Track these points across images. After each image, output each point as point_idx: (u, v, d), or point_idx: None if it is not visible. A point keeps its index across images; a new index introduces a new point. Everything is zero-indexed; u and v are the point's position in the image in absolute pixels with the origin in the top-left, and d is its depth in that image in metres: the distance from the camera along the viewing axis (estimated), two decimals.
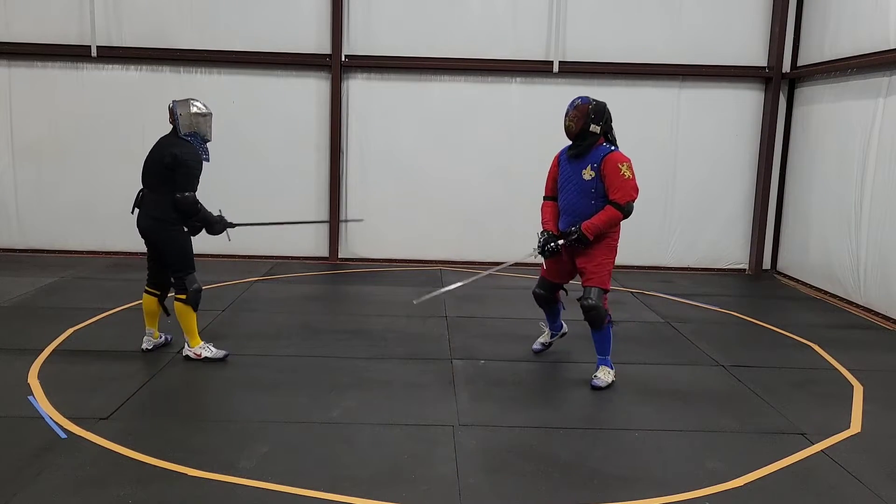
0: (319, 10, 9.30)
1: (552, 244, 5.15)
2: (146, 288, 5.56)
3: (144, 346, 5.63)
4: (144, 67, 9.38)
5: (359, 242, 9.79)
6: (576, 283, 5.38)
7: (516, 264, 5.88)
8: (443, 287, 5.76)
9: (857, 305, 7.74)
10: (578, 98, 5.07)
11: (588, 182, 4.97)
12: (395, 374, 5.34)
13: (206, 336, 6.07)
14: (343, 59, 9.34)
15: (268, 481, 3.62)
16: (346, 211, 9.67)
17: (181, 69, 9.38)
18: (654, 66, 9.36)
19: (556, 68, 9.33)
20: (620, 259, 9.82)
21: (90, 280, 8.17)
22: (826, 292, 8.38)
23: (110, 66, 9.36)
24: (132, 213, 5.44)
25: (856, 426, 4.55)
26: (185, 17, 9.25)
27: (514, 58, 9.38)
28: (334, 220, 9.42)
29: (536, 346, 5.91)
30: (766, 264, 9.82)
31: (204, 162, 5.35)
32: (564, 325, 5.91)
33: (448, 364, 5.56)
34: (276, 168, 9.56)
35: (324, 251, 9.69)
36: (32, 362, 5.24)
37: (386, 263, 9.62)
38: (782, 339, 6.58)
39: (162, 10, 9.23)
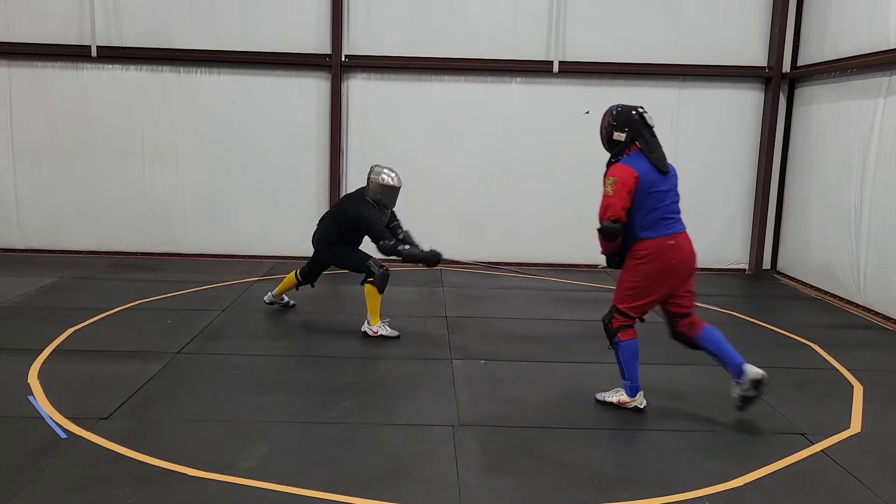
0: (319, 10, 9.30)
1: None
2: (297, 271, 6.76)
3: (266, 299, 7.04)
4: (144, 67, 9.38)
5: None
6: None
7: None
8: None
9: (857, 305, 7.74)
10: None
11: None
12: (395, 374, 5.34)
13: (206, 335, 6.09)
14: (343, 59, 9.33)
15: (268, 481, 3.62)
16: None
17: (181, 69, 9.38)
18: (654, 66, 9.36)
19: (556, 68, 9.33)
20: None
21: (90, 280, 8.17)
22: (826, 292, 8.38)
23: (110, 66, 9.36)
24: (318, 223, 6.55)
25: (856, 426, 4.55)
26: (185, 17, 9.24)
27: (514, 58, 9.38)
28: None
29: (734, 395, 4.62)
30: (766, 264, 9.82)
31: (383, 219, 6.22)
32: (748, 371, 4.47)
33: (448, 364, 5.56)
34: (276, 168, 9.56)
35: None
36: (32, 362, 5.24)
37: (386, 263, 9.60)
38: (782, 339, 6.57)
39: (162, 10, 9.23)
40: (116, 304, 6.98)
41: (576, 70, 9.36)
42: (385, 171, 6.18)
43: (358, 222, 6.16)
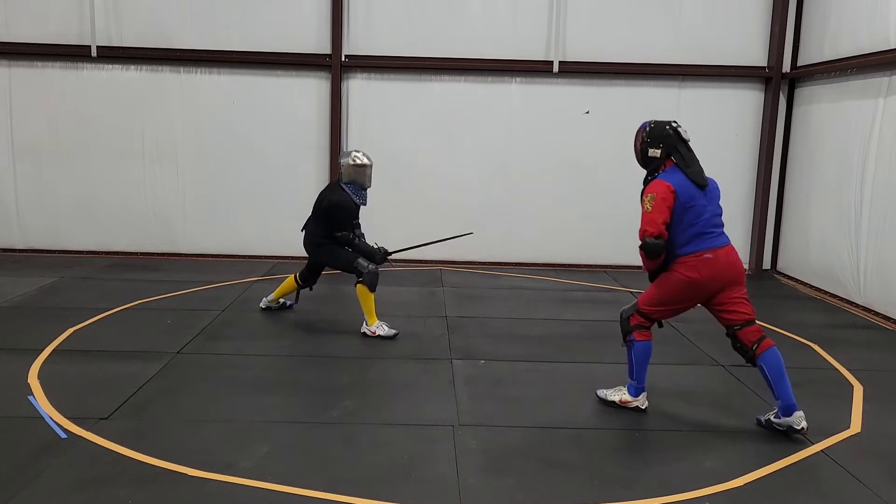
0: (319, 10, 9.30)
1: None
2: (296, 275, 6.79)
3: (262, 304, 6.99)
4: (144, 67, 9.38)
5: None
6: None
7: None
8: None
9: (857, 305, 7.74)
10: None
11: None
12: (395, 374, 5.34)
13: (206, 336, 6.09)
14: (343, 59, 9.34)
15: (268, 481, 3.62)
16: None
17: (181, 69, 9.38)
18: (654, 66, 9.36)
19: (556, 68, 9.33)
20: (620, 259, 9.87)
21: (90, 280, 8.17)
22: (826, 292, 8.38)
23: (110, 66, 9.36)
24: (301, 230, 6.57)
25: (856, 426, 4.55)
26: (185, 17, 9.24)
27: (514, 58, 9.38)
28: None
29: (761, 416, 4.58)
30: (766, 264, 9.82)
31: (360, 205, 6.39)
32: (795, 419, 4.30)
33: (448, 364, 5.56)
34: (276, 168, 9.56)
35: None
36: (32, 362, 5.24)
37: (386, 263, 9.60)
38: (782, 339, 6.56)
39: (162, 10, 9.23)
40: (116, 304, 6.98)
41: (576, 70, 9.36)
42: (353, 152, 6.37)
43: (330, 211, 6.24)
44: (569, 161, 9.50)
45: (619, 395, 4.77)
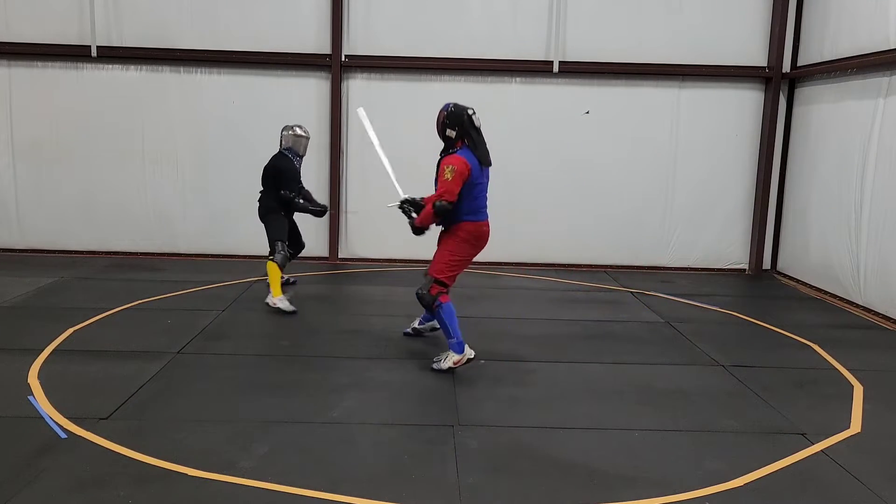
0: (319, 10, 9.30)
1: (403, 204, 5.82)
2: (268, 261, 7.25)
3: (270, 302, 7.13)
4: (144, 67, 9.38)
5: (359, 242, 9.79)
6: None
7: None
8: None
9: (857, 305, 7.74)
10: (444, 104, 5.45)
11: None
12: (395, 374, 5.34)
13: (206, 336, 6.09)
14: (343, 59, 9.34)
15: (268, 481, 3.62)
16: (346, 210, 9.69)
17: (181, 69, 9.38)
18: (654, 66, 9.36)
19: (556, 68, 9.33)
20: (620, 259, 9.88)
21: (90, 280, 8.17)
22: (826, 292, 8.38)
23: (110, 66, 9.36)
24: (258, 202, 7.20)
25: (856, 426, 4.55)
26: (185, 17, 9.24)
27: (514, 58, 9.38)
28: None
29: (407, 329, 6.25)
30: (766, 264, 9.82)
31: (297, 168, 7.20)
32: (424, 329, 6.21)
33: None
34: None
35: (324, 251, 9.69)
36: (32, 362, 5.24)
37: (386, 263, 9.62)
38: (782, 339, 6.58)
39: (162, 10, 9.23)
40: (116, 304, 6.98)
41: (576, 70, 9.36)
42: (295, 125, 7.32)
43: (275, 174, 7.01)
44: (569, 161, 9.50)
45: (449, 360, 5.26)
